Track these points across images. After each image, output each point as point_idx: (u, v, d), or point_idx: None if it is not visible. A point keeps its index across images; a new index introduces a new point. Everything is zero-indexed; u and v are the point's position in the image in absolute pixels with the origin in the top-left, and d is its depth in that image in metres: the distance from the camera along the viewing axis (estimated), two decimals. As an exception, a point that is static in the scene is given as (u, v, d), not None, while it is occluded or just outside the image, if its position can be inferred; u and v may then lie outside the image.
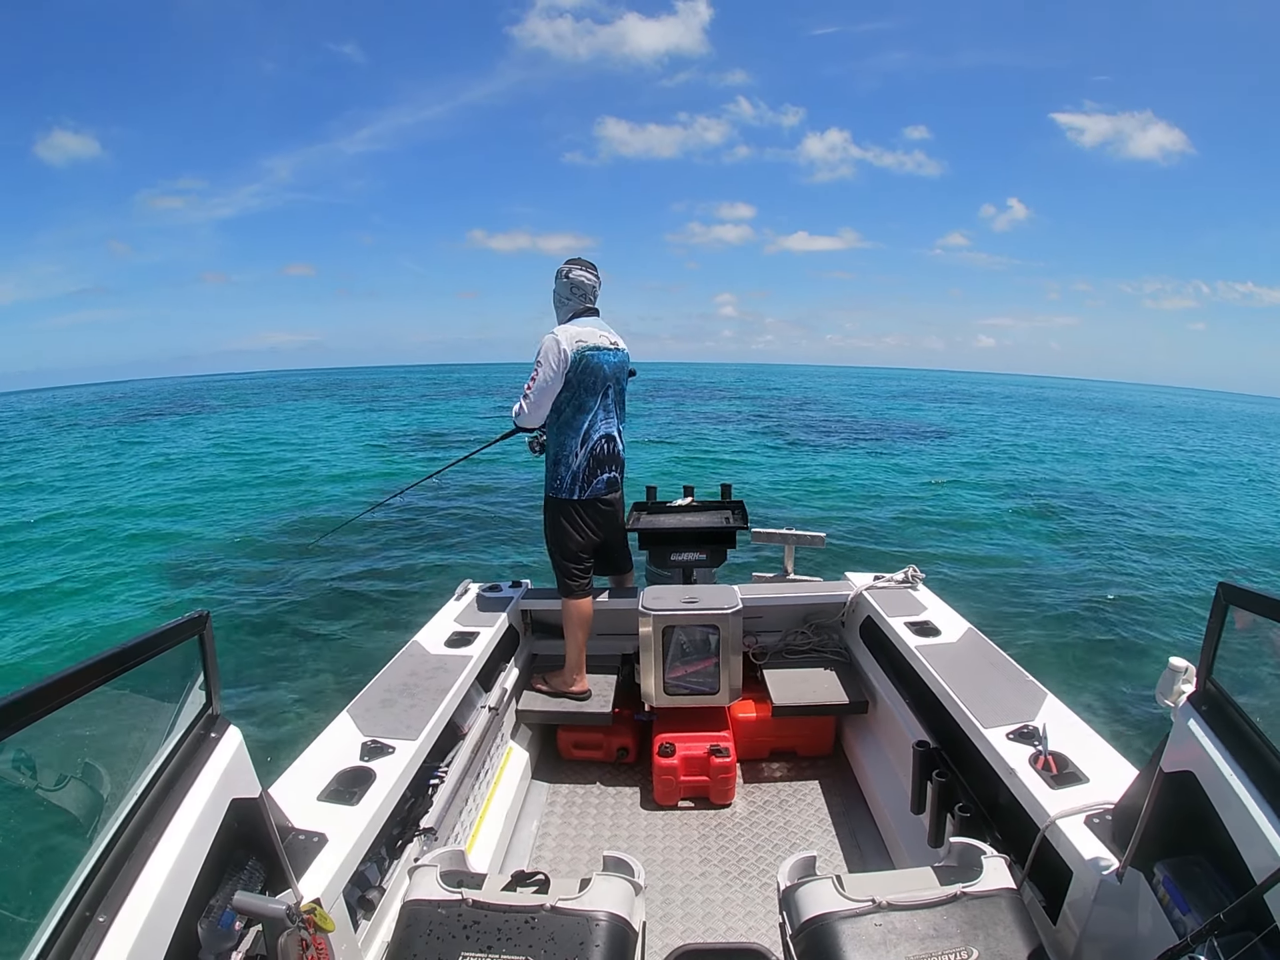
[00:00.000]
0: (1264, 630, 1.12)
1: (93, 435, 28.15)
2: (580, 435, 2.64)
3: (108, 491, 14.32)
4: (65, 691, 0.89)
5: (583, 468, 2.66)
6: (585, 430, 2.63)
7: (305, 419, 31.86)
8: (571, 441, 2.65)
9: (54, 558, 9.40)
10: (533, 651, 3.14)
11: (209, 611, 1.18)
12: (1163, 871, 1.24)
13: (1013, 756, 1.75)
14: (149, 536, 10.33)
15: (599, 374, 2.60)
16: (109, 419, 37.23)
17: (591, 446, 2.65)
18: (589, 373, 2.57)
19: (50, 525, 11.45)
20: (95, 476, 16.59)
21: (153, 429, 29.40)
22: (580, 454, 2.65)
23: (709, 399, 43.16)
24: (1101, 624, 7.00)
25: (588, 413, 2.62)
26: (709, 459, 17.55)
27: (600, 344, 2.60)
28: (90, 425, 33.77)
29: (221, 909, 1.16)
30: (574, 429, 2.64)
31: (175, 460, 18.71)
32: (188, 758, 1.19)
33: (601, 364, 2.60)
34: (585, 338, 2.56)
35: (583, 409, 2.62)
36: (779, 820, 2.56)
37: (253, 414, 36.78)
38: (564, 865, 2.38)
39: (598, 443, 2.66)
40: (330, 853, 1.48)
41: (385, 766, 1.80)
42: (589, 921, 1.22)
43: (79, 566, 8.93)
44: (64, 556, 9.45)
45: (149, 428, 30.30)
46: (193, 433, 26.90)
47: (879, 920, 1.18)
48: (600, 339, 2.60)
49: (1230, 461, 22.19)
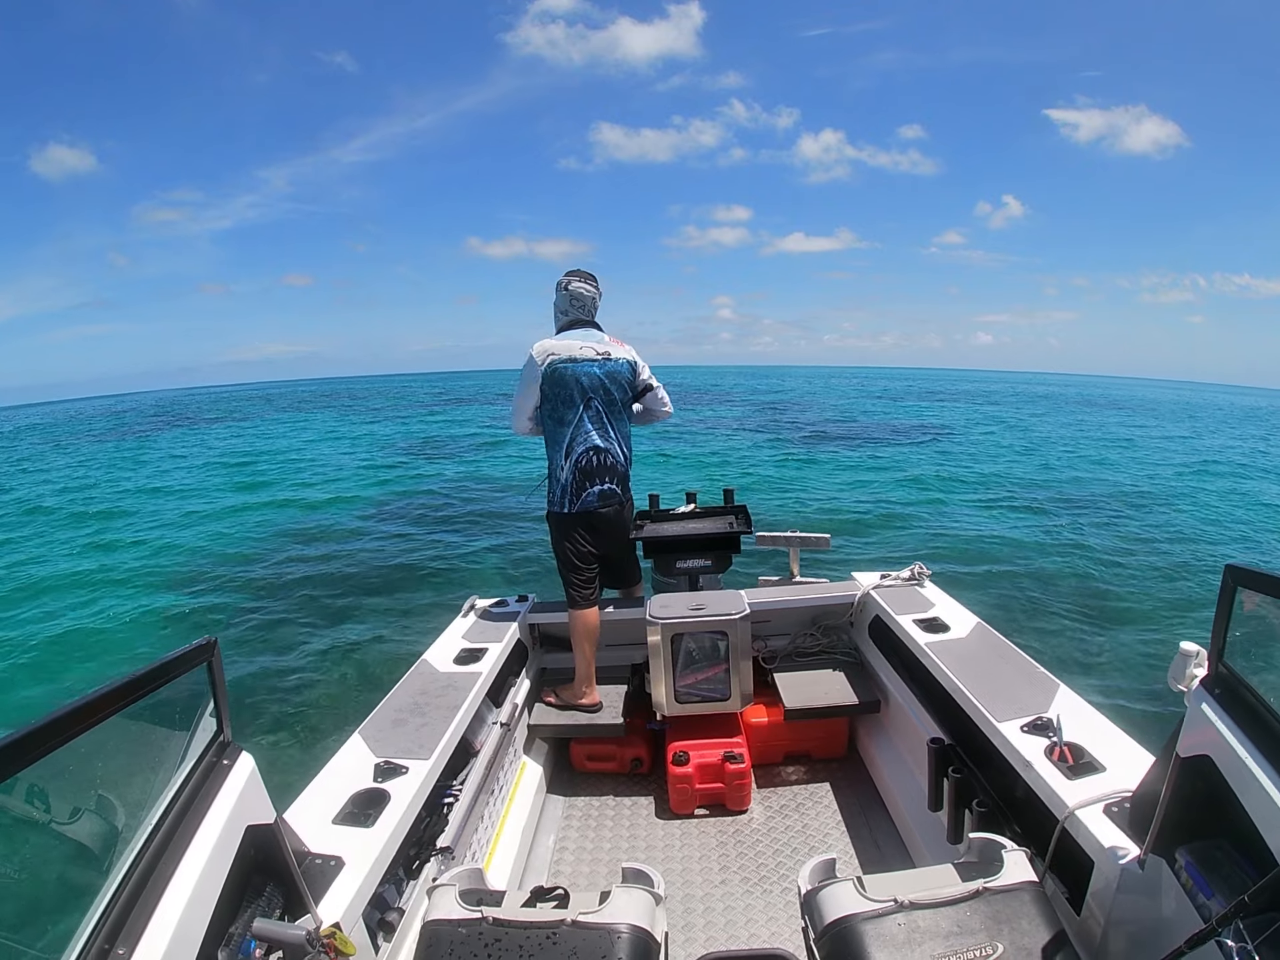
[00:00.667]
0: (1273, 610, 1.12)
1: (92, 451, 28.20)
2: (563, 448, 2.66)
3: (106, 509, 14.32)
4: (76, 724, 0.89)
5: (570, 480, 2.67)
6: (567, 443, 2.65)
7: (303, 432, 31.88)
8: (556, 455, 2.69)
9: (50, 580, 9.40)
10: (542, 665, 3.13)
11: (216, 638, 1.18)
12: (1184, 857, 1.23)
13: (1028, 749, 1.74)
14: (148, 559, 10.28)
15: (572, 386, 2.60)
16: (109, 433, 37.37)
17: (576, 459, 2.66)
18: (560, 385, 2.59)
19: (46, 544, 11.46)
20: (95, 493, 16.63)
21: (152, 444, 29.39)
22: (565, 467, 2.67)
23: (709, 402, 43.12)
24: (1110, 612, 6.99)
25: (567, 425, 2.64)
26: (710, 463, 17.55)
27: (578, 355, 2.61)
28: (90, 440, 33.91)
29: (241, 937, 1.15)
30: (556, 442, 2.68)
31: (171, 478, 18.65)
32: (201, 785, 1.19)
33: (576, 375, 2.60)
34: (559, 350, 2.59)
35: (561, 421, 2.64)
36: (796, 824, 2.55)
37: (251, 427, 36.83)
38: (583, 879, 2.37)
39: (583, 455, 2.66)
40: (348, 876, 1.47)
41: (399, 787, 1.79)
42: (611, 934, 1.21)
43: (76, 588, 8.93)
44: (61, 578, 9.45)
45: (148, 442, 30.38)
46: (192, 448, 26.85)
47: (902, 920, 1.17)
48: (582, 350, 2.61)
49: (1241, 453, 22.10)
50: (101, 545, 11.15)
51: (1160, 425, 33.51)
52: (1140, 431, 29.23)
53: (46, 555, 10.76)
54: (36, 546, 11.39)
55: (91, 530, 12.48)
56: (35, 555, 10.77)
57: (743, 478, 14.86)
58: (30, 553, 10.95)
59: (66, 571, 9.73)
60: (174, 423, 42.51)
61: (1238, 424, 36.18)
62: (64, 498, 16.33)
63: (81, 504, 15.06)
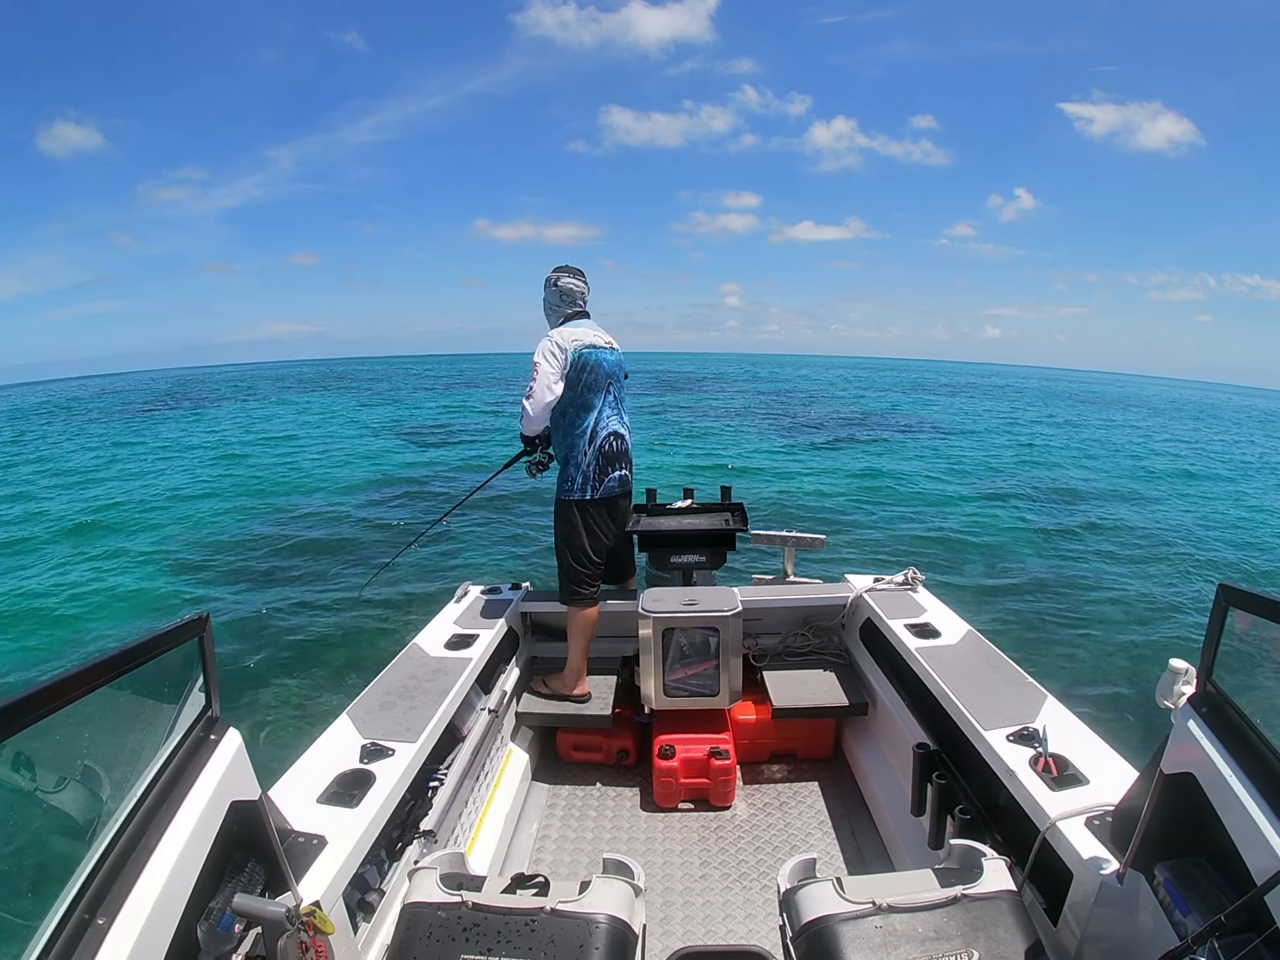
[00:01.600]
0: (1264, 631, 1.12)
1: (90, 431, 28.05)
2: (587, 434, 2.63)
3: (105, 489, 14.28)
4: (66, 694, 0.89)
5: (592, 466, 2.65)
6: (591, 429, 2.63)
7: (305, 414, 31.76)
8: (579, 441, 2.64)
9: (48, 556, 9.40)
10: (532, 654, 3.13)
11: (208, 614, 1.18)
12: (1163, 873, 1.24)
13: (1013, 758, 1.74)
14: (144, 536, 10.27)
15: (599, 371, 2.60)
16: (109, 413, 37.16)
17: (600, 444, 2.65)
18: (590, 370, 2.58)
19: (44, 523, 11.44)
20: (91, 474, 16.56)
21: (150, 425, 29.20)
22: (589, 453, 2.64)
23: (711, 392, 42.77)
24: (1100, 625, 7.00)
25: (593, 410, 2.63)
26: (710, 457, 17.52)
27: (597, 342, 2.62)
28: (89, 420, 33.72)
29: (221, 911, 1.16)
30: (580, 429, 2.63)
31: (171, 459, 18.57)
32: (187, 760, 1.19)
33: (601, 361, 2.61)
34: (581, 337, 2.58)
35: (587, 407, 2.62)
36: (779, 822, 2.56)
37: (253, 408, 36.66)
38: (564, 868, 2.38)
39: (606, 440, 2.66)
40: (330, 855, 1.48)
41: (385, 769, 1.80)
42: (589, 924, 1.22)
43: (72, 564, 8.93)
44: (58, 555, 9.45)
45: (147, 423, 30.19)
46: (191, 429, 26.73)
47: (879, 922, 1.18)
48: (596, 338, 2.62)
49: (1242, 458, 22.06)
50: (86, 529, 11.12)
51: (1168, 425, 33.39)
52: (1148, 432, 29.11)
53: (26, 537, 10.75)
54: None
55: (78, 507, 12.48)
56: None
57: (742, 475, 14.85)
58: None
59: (56, 554, 9.75)
60: (177, 403, 42.26)
61: (1255, 426, 36.00)
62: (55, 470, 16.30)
63: (76, 485, 15.04)
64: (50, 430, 29.25)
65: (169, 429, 27.17)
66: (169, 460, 18.20)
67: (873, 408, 33.54)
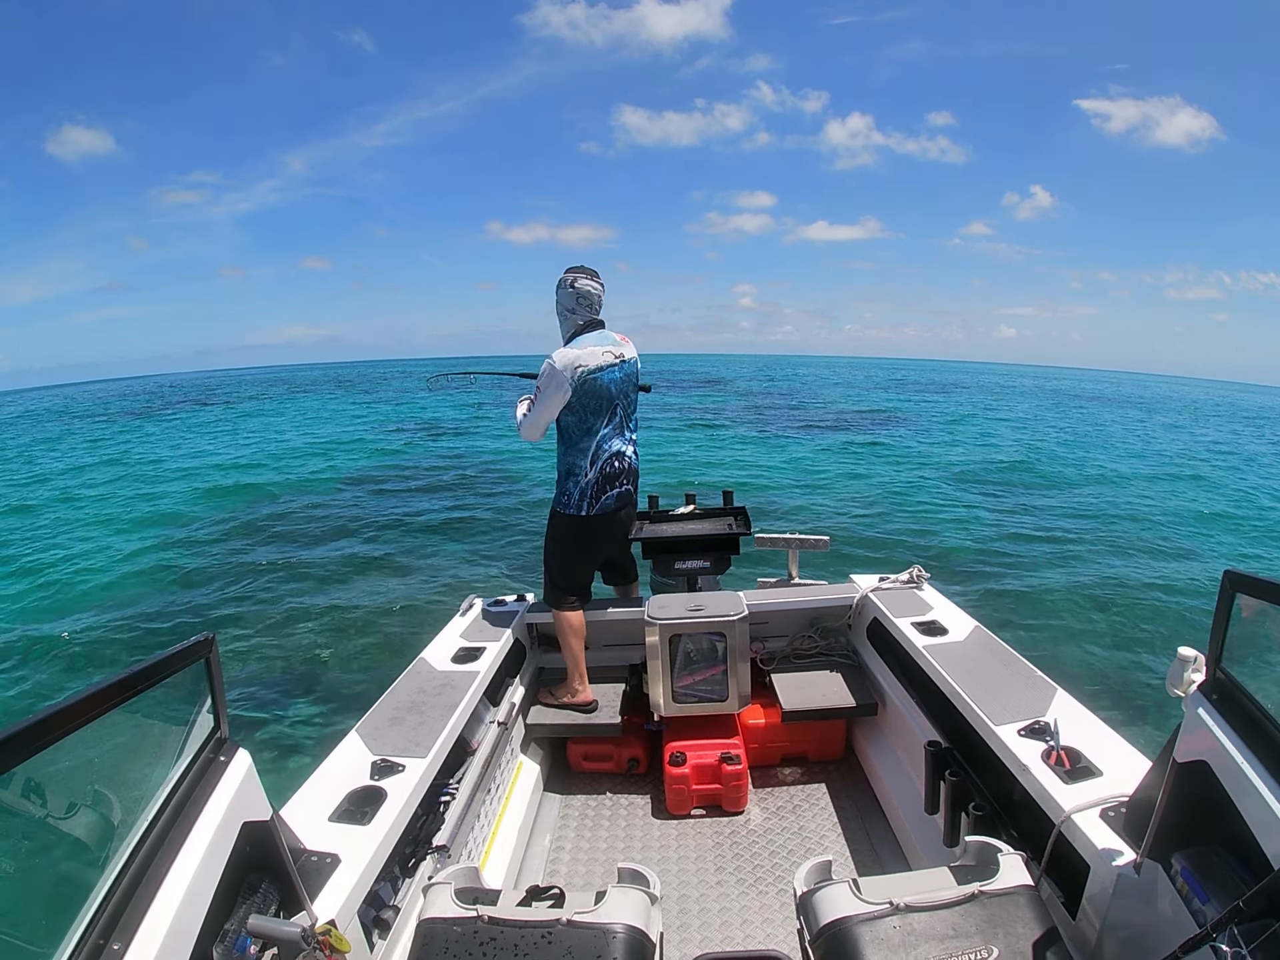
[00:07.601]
0: (1271, 616, 1.12)
1: (104, 434, 28.26)
2: (589, 455, 2.62)
3: (106, 498, 14.31)
4: (75, 718, 0.89)
5: (592, 485, 2.64)
6: (594, 451, 2.62)
7: (312, 416, 31.84)
8: (579, 460, 2.63)
9: (50, 565, 9.43)
10: (539, 665, 3.13)
11: (215, 634, 1.18)
12: (1180, 862, 1.24)
13: (1025, 753, 1.74)
14: (141, 552, 10.27)
15: (603, 395, 2.57)
16: (124, 415, 37.59)
17: (601, 465, 2.64)
18: (591, 396, 2.54)
19: (53, 529, 11.49)
20: (99, 478, 16.63)
21: (160, 428, 29.44)
22: (590, 473, 2.63)
23: (723, 394, 42.64)
24: (1110, 617, 6.98)
25: (594, 434, 2.61)
26: (716, 460, 17.49)
27: (603, 363, 2.55)
28: (106, 422, 34.05)
29: (236, 933, 1.15)
30: (582, 449, 2.62)
31: (176, 465, 18.53)
32: (198, 782, 1.19)
33: (606, 385, 2.56)
34: (585, 360, 2.51)
35: (590, 431, 2.60)
36: (793, 826, 2.54)
37: (264, 411, 36.91)
38: (578, 878, 2.37)
39: (608, 461, 2.65)
40: (344, 873, 1.47)
41: (396, 785, 1.79)
42: (606, 934, 1.21)
43: (73, 574, 8.96)
44: (60, 563, 9.48)
45: (156, 425, 30.55)
46: (200, 434, 26.73)
47: (897, 922, 1.17)
48: (604, 357, 2.55)
49: (1254, 455, 22.01)
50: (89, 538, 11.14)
51: (1186, 425, 33.29)
52: (1161, 430, 29.02)
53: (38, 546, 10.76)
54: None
55: (84, 515, 12.50)
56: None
57: (744, 475, 14.83)
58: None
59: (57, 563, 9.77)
60: (186, 406, 42.44)
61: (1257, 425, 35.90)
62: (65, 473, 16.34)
63: (83, 493, 15.05)
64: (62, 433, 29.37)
65: (175, 435, 27.06)
66: (170, 466, 18.19)
67: (882, 408, 33.45)
